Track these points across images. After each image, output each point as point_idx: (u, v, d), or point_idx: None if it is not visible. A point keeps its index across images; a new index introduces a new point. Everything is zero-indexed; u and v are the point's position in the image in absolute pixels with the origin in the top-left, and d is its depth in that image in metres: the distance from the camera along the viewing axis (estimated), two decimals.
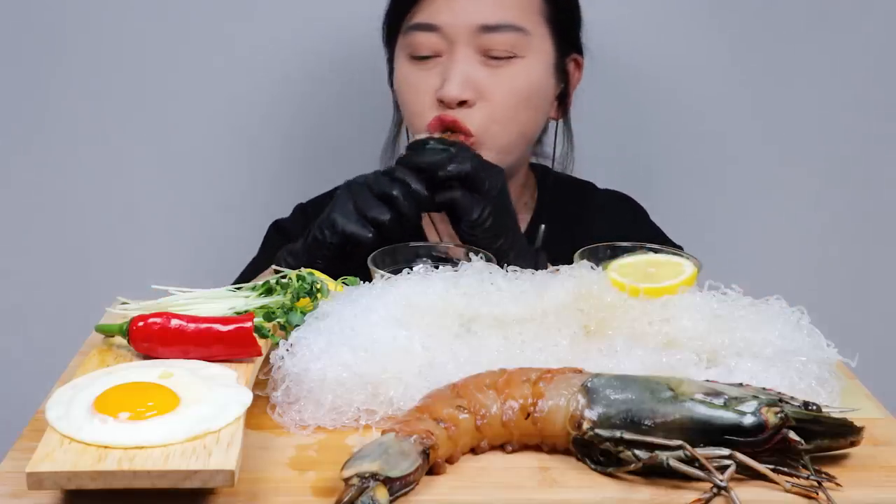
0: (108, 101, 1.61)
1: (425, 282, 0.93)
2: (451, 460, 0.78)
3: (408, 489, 0.74)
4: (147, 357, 0.88)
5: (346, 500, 0.70)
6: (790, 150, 1.66)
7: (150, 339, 0.87)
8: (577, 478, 0.77)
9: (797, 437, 0.76)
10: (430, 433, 0.76)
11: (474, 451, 0.80)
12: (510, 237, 1.19)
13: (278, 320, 0.91)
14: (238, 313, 0.90)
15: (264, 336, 0.89)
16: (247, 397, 0.80)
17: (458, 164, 1.16)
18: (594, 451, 0.78)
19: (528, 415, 0.79)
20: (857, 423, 0.79)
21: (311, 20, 1.60)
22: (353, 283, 0.99)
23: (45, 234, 1.65)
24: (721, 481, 0.74)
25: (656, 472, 0.76)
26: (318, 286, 0.95)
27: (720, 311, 0.93)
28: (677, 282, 0.98)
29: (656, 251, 1.05)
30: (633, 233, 1.22)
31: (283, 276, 0.96)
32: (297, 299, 0.93)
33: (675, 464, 0.75)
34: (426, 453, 0.75)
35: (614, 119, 1.64)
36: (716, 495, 0.74)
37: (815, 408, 0.79)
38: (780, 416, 0.77)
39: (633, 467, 0.76)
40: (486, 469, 0.78)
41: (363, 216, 1.13)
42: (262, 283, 0.96)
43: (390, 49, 1.40)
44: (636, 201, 1.51)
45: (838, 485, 0.76)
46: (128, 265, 1.65)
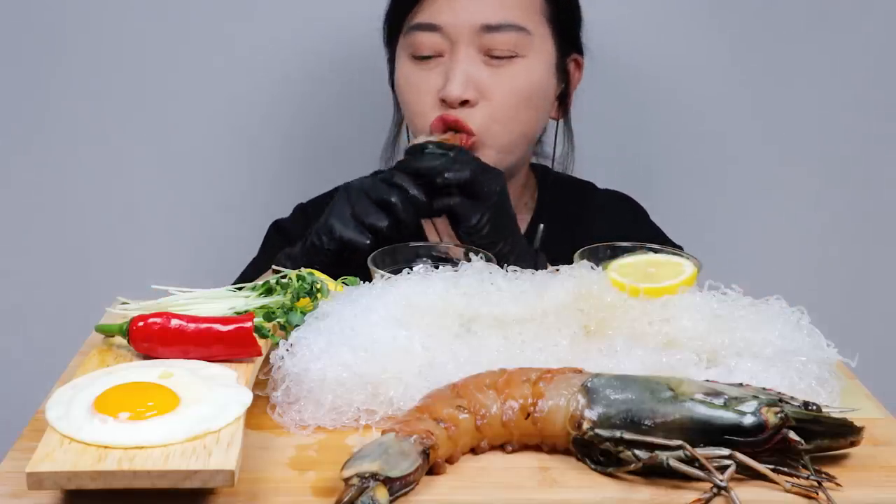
0: (108, 101, 1.61)
1: (425, 282, 0.93)
2: (451, 460, 0.78)
3: (408, 489, 0.74)
4: (147, 357, 0.88)
5: (346, 500, 0.70)
6: (790, 150, 1.66)
7: (150, 339, 0.87)
8: (577, 478, 0.77)
9: (797, 437, 0.76)
10: (430, 433, 0.76)
11: (474, 451, 0.80)
12: (510, 241, 1.19)
13: (278, 320, 0.91)
14: (238, 313, 0.90)
15: (264, 336, 0.89)
16: (247, 397, 0.80)
17: (457, 172, 1.15)
18: (594, 451, 0.78)
19: (528, 415, 0.79)
20: (857, 423, 0.79)
21: (311, 20, 1.60)
22: (353, 282, 0.99)
23: (45, 234, 1.65)
24: (721, 481, 0.74)
25: (656, 472, 0.76)
26: (318, 286, 0.95)
27: (720, 311, 0.93)
28: (677, 282, 0.98)
29: (656, 251, 1.05)
30: (633, 233, 1.21)
31: (283, 277, 0.96)
32: (297, 299, 0.93)
33: (675, 464, 0.75)
34: (426, 453, 0.75)
35: (614, 119, 1.64)
36: (716, 495, 0.74)
37: (815, 408, 0.79)
38: (780, 416, 0.76)
39: (633, 467, 0.76)
40: (486, 469, 0.78)
41: (361, 222, 1.13)
42: (262, 283, 0.96)
43: (391, 49, 1.40)
44: (636, 201, 1.50)
45: (838, 485, 0.76)
46: (128, 265, 1.65)
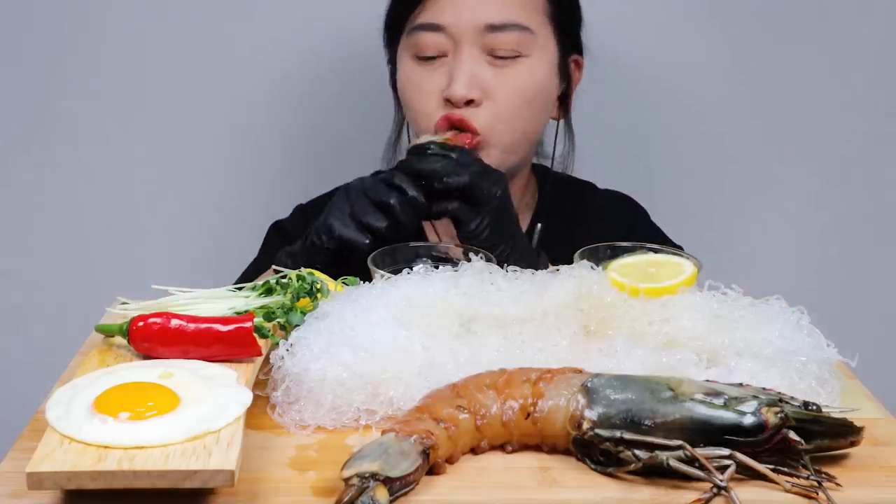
0: (108, 101, 1.61)
1: (425, 282, 0.93)
2: (451, 460, 0.78)
3: (408, 489, 0.74)
4: (147, 357, 0.88)
5: (346, 500, 0.70)
6: (790, 150, 1.66)
7: (150, 339, 0.87)
8: (577, 478, 0.77)
9: (797, 437, 0.76)
10: (430, 433, 0.76)
11: (474, 451, 0.80)
12: (510, 242, 1.19)
13: (278, 320, 0.91)
14: (238, 313, 0.90)
15: (264, 336, 0.89)
16: (247, 397, 0.80)
17: (456, 177, 1.15)
18: (594, 451, 0.78)
19: (528, 415, 0.79)
20: (857, 423, 0.79)
21: (311, 20, 1.60)
22: (353, 282, 0.99)
23: (45, 234, 1.65)
24: (721, 481, 0.74)
25: (656, 472, 0.76)
26: (318, 286, 0.95)
27: (720, 311, 0.93)
28: (677, 282, 0.98)
29: (656, 251, 1.05)
30: (633, 233, 1.22)
31: (283, 277, 0.96)
32: (297, 299, 0.93)
33: (675, 464, 0.75)
34: (426, 453, 0.75)
35: (614, 119, 1.64)
36: (716, 495, 0.74)
37: (815, 408, 0.79)
38: (780, 416, 0.76)
39: (633, 467, 0.76)
40: (486, 469, 0.78)
41: (359, 222, 1.13)
42: (262, 283, 0.96)
43: (391, 50, 1.40)
44: (636, 201, 1.50)
45: (838, 485, 0.76)
46: (128, 265, 1.65)
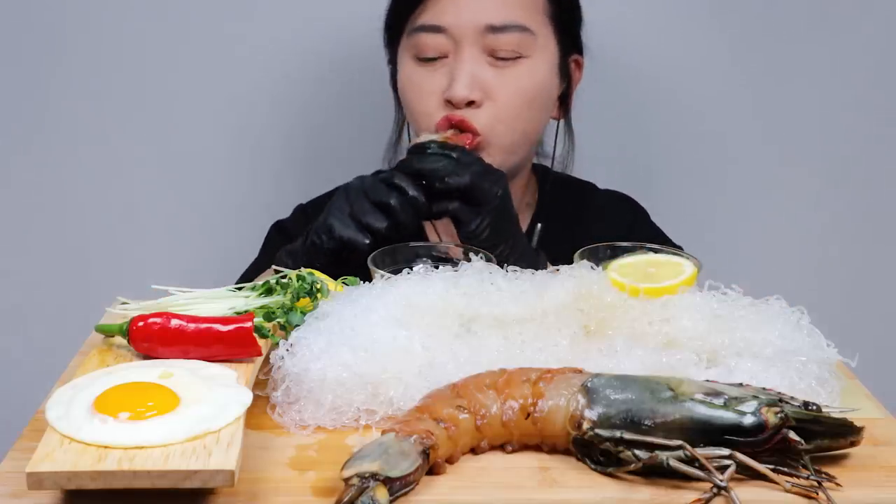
0: (108, 101, 1.61)
1: (425, 282, 0.93)
2: (451, 460, 0.78)
3: (408, 489, 0.74)
4: (147, 357, 0.88)
5: (346, 500, 0.70)
6: (790, 150, 1.66)
7: (150, 339, 0.87)
8: (577, 478, 0.77)
9: (797, 437, 0.76)
10: (430, 433, 0.76)
11: (474, 451, 0.80)
12: (510, 243, 1.19)
13: (278, 320, 0.91)
14: (238, 313, 0.90)
15: (264, 336, 0.89)
16: (247, 397, 0.80)
17: (457, 177, 1.15)
18: (594, 451, 0.78)
19: (528, 415, 0.79)
20: (857, 423, 0.79)
21: (311, 20, 1.60)
22: (353, 282, 0.99)
23: (45, 234, 1.65)
24: (721, 481, 0.74)
25: (656, 472, 0.76)
26: (318, 286, 0.95)
27: (720, 311, 0.93)
28: (677, 282, 0.98)
29: (656, 251, 1.05)
30: (634, 233, 1.22)
31: (283, 277, 0.96)
32: (297, 299, 0.93)
33: (675, 464, 0.75)
34: (426, 453, 0.75)
35: (614, 119, 1.64)
36: (716, 495, 0.74)
37: (815, 408, 0.79)
38: (780, 416, 0.76)
39: (633, 467, 0.76)
40: (486, 469, 0.78)
41: (359, 222, 1.12)
42: (262, 283, 0.96)
43: (392, 50, 1.40)
44: (636, 202, 1.50)
45: (838, 485, 0.76)
46: (128, 265, 1.65)
